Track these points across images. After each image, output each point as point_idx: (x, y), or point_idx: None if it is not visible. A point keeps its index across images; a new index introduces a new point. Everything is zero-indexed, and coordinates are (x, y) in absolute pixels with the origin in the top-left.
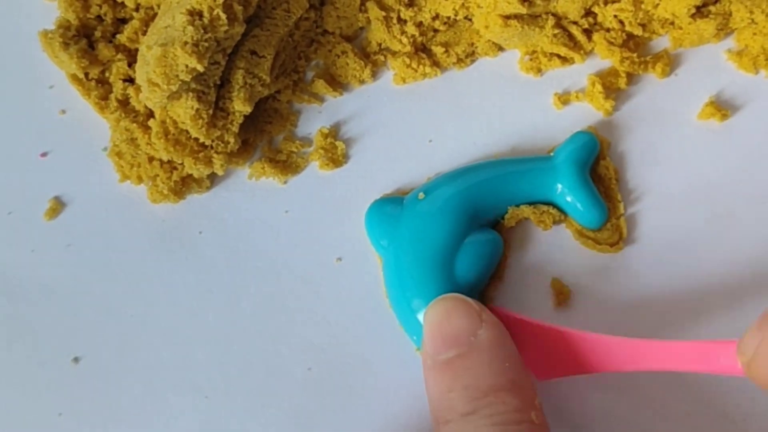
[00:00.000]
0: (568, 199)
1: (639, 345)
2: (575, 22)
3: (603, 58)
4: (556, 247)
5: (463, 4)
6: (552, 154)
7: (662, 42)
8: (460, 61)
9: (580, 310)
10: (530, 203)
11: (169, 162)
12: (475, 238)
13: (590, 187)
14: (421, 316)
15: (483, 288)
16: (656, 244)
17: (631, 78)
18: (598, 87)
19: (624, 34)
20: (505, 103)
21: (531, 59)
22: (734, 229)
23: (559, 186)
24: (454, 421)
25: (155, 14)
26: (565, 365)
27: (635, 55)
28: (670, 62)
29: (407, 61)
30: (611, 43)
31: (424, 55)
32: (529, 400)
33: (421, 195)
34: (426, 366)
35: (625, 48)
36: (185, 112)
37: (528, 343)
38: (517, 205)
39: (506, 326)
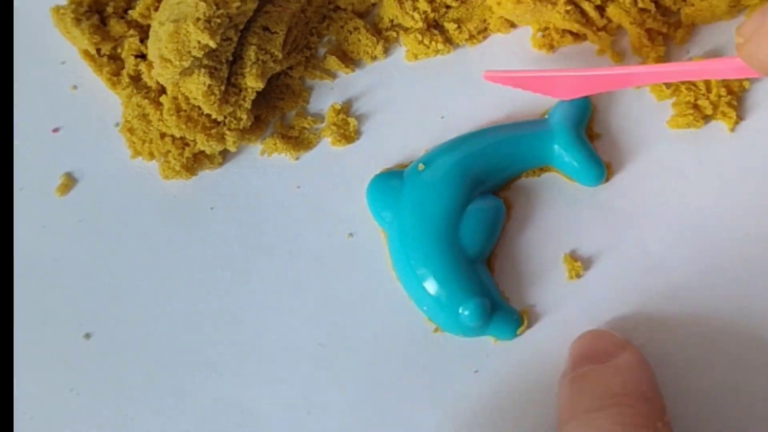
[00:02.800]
0: (566, 159)
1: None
2: None
3: (617, 22)
4: (569, 221)
5: None
6: (546, 116)
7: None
8: (472, 37)
9: (592, 285)
10: (529, 167)
11: (181, 138)
12: (477, 205)
13: (587, 146)
14: (428, 285)
15: (489, 254)
16: (672, 220)
17: (654, 38)
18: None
19: (637, 9)
20: None
21: (543, 36)
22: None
23: (556, 147)
24: (577, 418)
25: None
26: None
27: (654, 12)
28: (690, 31)
29: (419, 37)
30: (626, 11)
31: (436, 32)
32: (657, 412)
33: (421, 166)
34: (562, 383)
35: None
36: (197, 88)
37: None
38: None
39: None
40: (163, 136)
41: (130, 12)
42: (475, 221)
